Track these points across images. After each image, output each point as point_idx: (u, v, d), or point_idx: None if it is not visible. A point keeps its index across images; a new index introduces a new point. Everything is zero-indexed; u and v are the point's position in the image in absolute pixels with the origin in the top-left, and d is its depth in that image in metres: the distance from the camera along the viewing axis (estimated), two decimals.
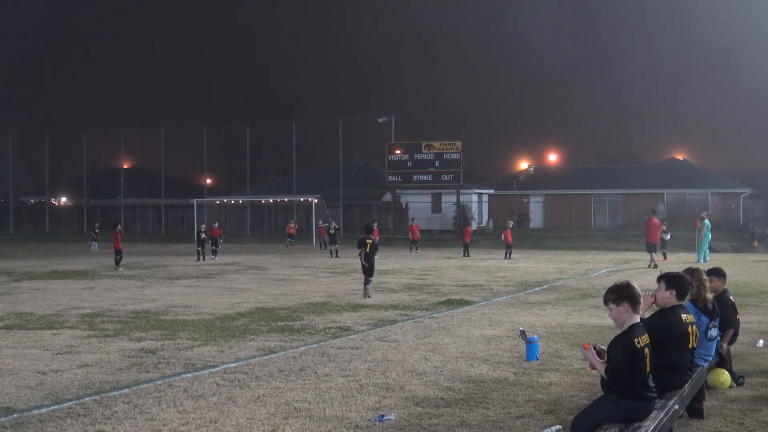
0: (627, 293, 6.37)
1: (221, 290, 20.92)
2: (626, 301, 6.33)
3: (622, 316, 6.35)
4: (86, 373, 10.01)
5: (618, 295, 6.38)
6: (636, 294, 6.38)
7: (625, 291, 6.38)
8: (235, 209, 68.19)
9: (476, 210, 61.57)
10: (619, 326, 6.40)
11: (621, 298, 6.36)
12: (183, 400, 8.52)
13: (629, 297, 6.35)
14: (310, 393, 8.86)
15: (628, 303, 6.33)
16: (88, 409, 8.18)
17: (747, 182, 66.02)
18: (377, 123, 62.52)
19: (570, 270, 28.23)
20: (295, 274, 26.51)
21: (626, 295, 6.36)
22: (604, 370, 6.25)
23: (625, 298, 6.35)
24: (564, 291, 20.45)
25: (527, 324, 13.84)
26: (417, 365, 10.44)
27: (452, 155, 54.31)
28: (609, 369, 6.23)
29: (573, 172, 71.73)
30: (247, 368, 10.30)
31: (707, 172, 69.13)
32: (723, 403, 8.44)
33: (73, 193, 79.50)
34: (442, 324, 14.31)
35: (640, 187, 63.43)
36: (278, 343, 12.24)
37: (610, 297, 6.44)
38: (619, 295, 6.38)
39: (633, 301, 6.35)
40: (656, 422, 6.15)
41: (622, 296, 6.36)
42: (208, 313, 16.01)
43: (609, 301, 6.44)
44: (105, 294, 20.09)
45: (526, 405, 8.34)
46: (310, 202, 56.06)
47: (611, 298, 6.42)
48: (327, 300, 18.42)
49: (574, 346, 11.87)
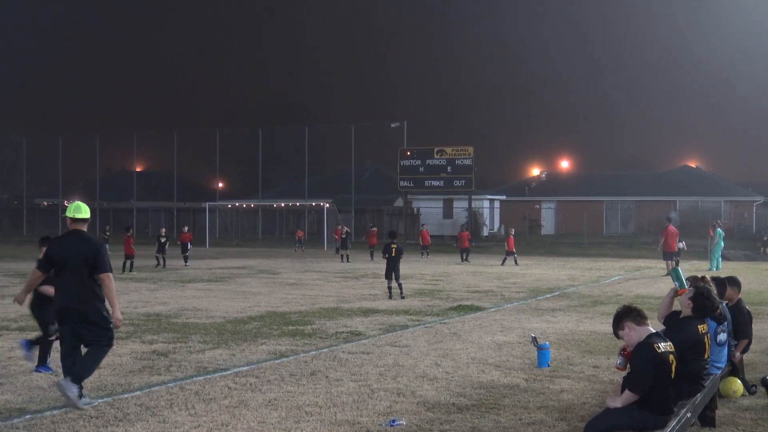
0: (622, 316, 6.55)
1: (233, 294, 20.96)
2: (626, 322, 6.46)
3: (632, 335, 6.44)
4: (98, 375, 10.04)
5: (617, 323, 6.57)
6: (630, 309, 6.55)
7: (620, 316, 6.56)
8: (247, 213, 68.33)
9: (488, 216, 61.52)
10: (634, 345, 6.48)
11: (621, 323, 6.53)
12: (195, 403, 8.54)
13: (626, 317, 6.48)
14: (321, 397, 8.87)
15: (629, 322, 6.45)
16: (100, 411, 8.21)
17: (760, 190, 65.72)
18: (389, 128, 62.58)
19: (582, 277, 28.17)
20: (306, 279, 26.54)
21: (622, 317, 6.52)
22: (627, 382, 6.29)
23: (622, 321, 6.50)
24: (575, 298, 20.41)
25: (538, 330, 13.82)
26: (428, 371, 10.44)
27: (464, 161, 54.27)
28: (630, 378, 6.25)
29: (585, 178, 71.60)
30: (258, 372, 10.32)
31: (720, 179, 68.86)
32: (735, 412, 8.42)
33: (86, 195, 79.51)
34: (454, 330, 14.31)
35: (652, 194, 63.24)
36: (289, 347, 12.25)
37: (614, 329, 6.65)
38: (618, 323, 6.57)
39: (632, 318, 6.47)
40: (668, 430, 6.14)
41: (621, 321, 6.54)
42: (220, 317, 16.04)
43: (616, 333, 6.62)
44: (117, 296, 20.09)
45: (537, 411, 8.33)
46: (322, 207, 56.13)
47: (614, 329, 6.63)
48: (338, 305, 18.44)
49: (585, 353, 11.86)
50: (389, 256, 20.15)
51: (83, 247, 8.68)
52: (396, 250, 20.16)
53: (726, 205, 60.66)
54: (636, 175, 71.76)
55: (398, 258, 20.13)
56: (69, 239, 8.84)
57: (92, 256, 8.64)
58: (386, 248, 20.44)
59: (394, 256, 20.08)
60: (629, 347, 6.46)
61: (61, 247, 8.82)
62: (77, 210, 8.91)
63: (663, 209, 55.75)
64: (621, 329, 6.48)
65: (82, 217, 8.89)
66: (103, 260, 8.69)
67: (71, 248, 8.71)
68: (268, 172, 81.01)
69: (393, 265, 19.95)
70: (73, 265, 8.64)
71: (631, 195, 64.16)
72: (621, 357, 6.54)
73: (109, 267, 8.76)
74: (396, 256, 20.09)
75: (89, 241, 8.79)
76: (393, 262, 19.99)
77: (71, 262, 8.65)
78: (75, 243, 8.74)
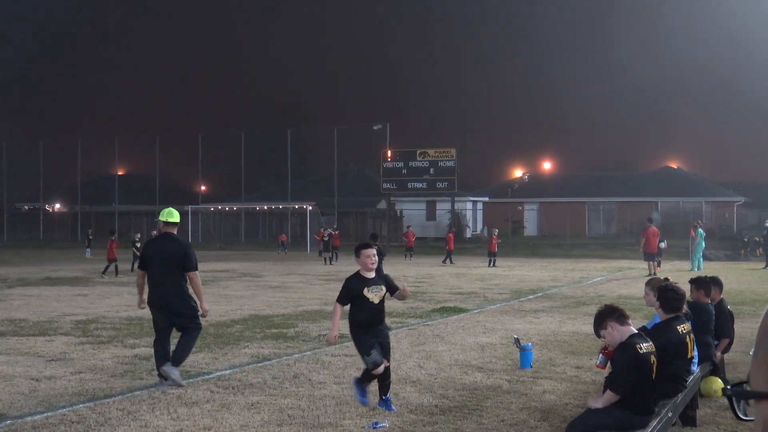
0: (605, 315, 6.52)
1: (216, 297, 20.88)
2: (609, 321, 6.44)
3: (614, 335, 6.42)
4: (80, 379, 9.99)
5: (599, 323, 6.54)
6: (614, 309, 6.53)
7: (602, 315, 6.53)
8: (230, 216, 68.13)
9: (471, 218, 61.61)
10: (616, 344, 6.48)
11: (602, 322, 6.50)
12: (177, 407, 8.51)
13: (609, 316, 6.47)
14: (304, 400, 8.86)
15: (612, 322, 6.43)
16: (81, 416, 8.17)
17: (741, 191, 66.13)
18: (372, 130, 62.55)
19: (564, 278, 28.26)
20: (289, 282, 26.49)
21: (605, 317, 6.49)
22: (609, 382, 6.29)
23: (605, 320, 6.47)
24: (558, 299, 20.47)
25: (521, 332, 13.85)
26: (411, 373, 10.45)
27: (447, 163, 54.37)
28: (612, 378, 6.26)
29: (567, 179, 71.80)
30: (241, 375, 10.29)
31: (701, 180, 69.27)
32: (716, 411, 8.47)
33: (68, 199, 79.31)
34: (437, 331, 14.31)
35: (634, 195, 63.51)
36: (272, 350, 12.23)
37: (595, 328, 6.60)
38: (600, 322, 6.53)
39: (615, 318, 6.44)
40: (649, 430, 6.16)
41: (602, 321, 6.50)
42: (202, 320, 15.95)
43: (598, 332, 6.58)
44: (99, 301, 20.05)
45: (520, 413, 8.35)
46: (305, 209, 56.05)
47: (596, 328, 6.59)
48: (321, 307, 18.40)
49: (567, 354, 11.89)
50: None
51: (174, 248, 9.86)
52: (377, 252, 20.13)
53: (707, 205, 61.00)
54: (618, 176, 72.06)
55: (380, 260, 20.10)
56: (162, 241, 10.10)
57: (181, 256, 9.78)
58: None
59: None
60: (611, 346, 6.48)
61: (155, 247, 10.01)
62: (169, 215, 10.13)
63: (645, 210, 55.98)
64: (603, 328, 6.48)
65: (174, 221, 10.10)
66: (190, 260, 9.83)
67: (164, 249, 9.87)
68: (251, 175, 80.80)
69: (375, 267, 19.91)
70: (165, 264, 9.75)
71: (613, 196, 64.41)
72: (602, 355, 6.56)
73: (195, 266, 9.88)
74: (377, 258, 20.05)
75: (179, 243, 10.02)
76: None
77: (164, 261, 9.76)
78: (167, 244, 9.93)
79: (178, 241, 10.04)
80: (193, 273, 9.80)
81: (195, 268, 9.84)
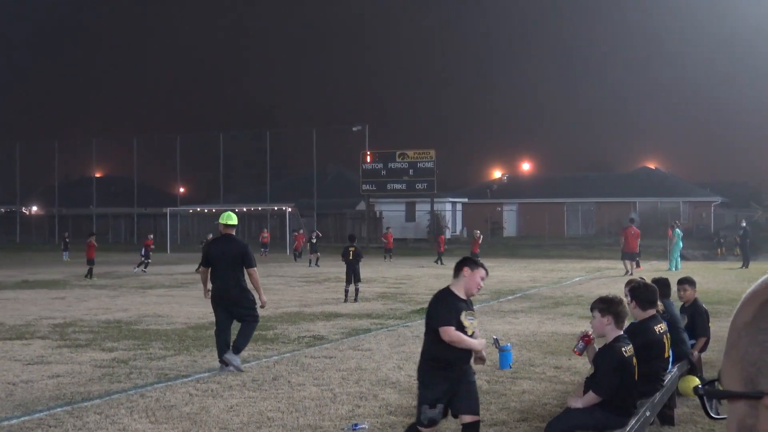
0: (615, 309, 6.44)
1: (194, 299, 20.76)
2: (612, 315, 6.41)
3: (604, 327, 6.41)
4: (57, 383, 9.92)
5: (606, 307, 6.45)
6: (623, 312, 6.49)
7: (614, 306, 6.46)
8: (209, 218, 67.80)
9: (450, 219, 61.68)
10: (598, 336, 6.48)
11: (608, 311, 6.43)
12: (155, 411, 8.46)
13: (616, 313, 6.43)
14: (283, 402, 8.84)
15: (613, 317, 6.40)
16: (59, 420, 8.11)
17: (718, 191, 66.62)
18: (351, 131, 62.52)
19: (543, 278, 28.36)
20: (268, 283, 26.37)
21: (614, 310, 6.43)
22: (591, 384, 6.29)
23: (611, 312, 6.42)
24: (537, 299, 20.54)
25: (500, 332, 13.87)
26: (391, 374, 10.45)
27: (426, 164, 54.43)
28: (595, 379, 6.27)
29: (546, 180, 72.03)
30: (220, 378, 10.25)
31: (679, 180, 69.69)
32: (694, 410, 8.51)
33: (45, 201, 78.67)
34: (416, 333, 14.30)
35: (612, 195, 63.79)
36: (251, 353, 12.18)
37: (598, 306, 6.50)
38: (607, 307, 6.44)
39: (618, 318, 6.43)
40: (627, 429, 6.19)
41: (609, 309, 6.43)
42: (181, 323, 15.91)
43: (596, 309, 6.49)
44: (76, 304, 19.91)
45: (499, 413, 8.37)
46: (284, 211, 55.93)
47: (599, 307, 6.48)
48: (301, 309, 18.37)
49: (547, 354, 11.93)
50: (347, 259, 20.25)
51: (233, 247, 11.05)
52: (354, 253, 20.32)
53: (685, 205, 61.37)
54: (596, 177, 72.32)
55: (356, 261, 20.24)
56: (223, 242, 11.21)
57: (240, 255, 10.95)
58: (345, 252, 20.63)
59: (352, 259, 20.20)
60: (593, 335, 6.49)
61: (217, 247, 11.19)
62: (229, 218, 11.28)
63: (623, 210, 56.29)
64: (601, 314, 6.42)
65: (232, 224, 11.25)
66: (249, 258, 11.00)
67: (225, 248, 11.02)
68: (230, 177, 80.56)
69: (352, 269, 20.04)
70: (226, 262, 10.86)
71: (591, 196, 64.69)
72: (581, 342, 6.56)
73: (254, 263, 11.03)
74: (354, 260, 20.20)
75: (238, 243, 11.28)
76: (352, 265, 20.08)
77: (225, 259, 10.88)
78: (228, 244, 11.09)
79: (238, 242, 11.34)
80: (252, 269, 10.91)
81: (254, 265, 10.97)
